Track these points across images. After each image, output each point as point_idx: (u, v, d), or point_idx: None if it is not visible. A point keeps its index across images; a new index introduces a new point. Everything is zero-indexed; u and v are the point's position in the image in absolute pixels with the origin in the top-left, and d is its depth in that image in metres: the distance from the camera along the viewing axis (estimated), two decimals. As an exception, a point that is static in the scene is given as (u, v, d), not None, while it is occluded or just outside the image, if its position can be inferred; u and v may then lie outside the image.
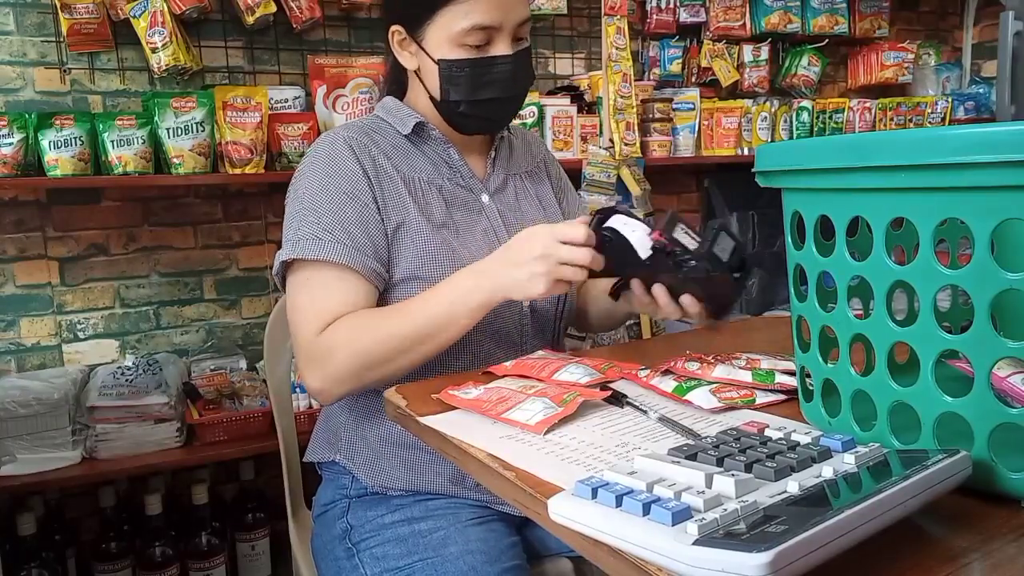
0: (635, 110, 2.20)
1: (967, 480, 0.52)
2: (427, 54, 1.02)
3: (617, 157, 2.16)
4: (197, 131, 1.72)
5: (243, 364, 1.98)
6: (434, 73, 1.02)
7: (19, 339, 1.88)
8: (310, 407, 1.82)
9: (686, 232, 0.89)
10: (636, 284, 0.92)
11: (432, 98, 1.06)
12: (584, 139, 2.20)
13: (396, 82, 1.14)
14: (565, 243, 0.86)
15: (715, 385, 0.79)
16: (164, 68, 1.77)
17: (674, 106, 2.33)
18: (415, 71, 1.06)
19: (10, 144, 1.60)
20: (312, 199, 1.00)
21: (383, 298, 1.03)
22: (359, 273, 0.97)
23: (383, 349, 0.93)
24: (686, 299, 0.89)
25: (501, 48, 1.01)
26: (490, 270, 0.91)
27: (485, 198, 1.10)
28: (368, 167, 1.02)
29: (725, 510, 0.45)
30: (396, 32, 1.05)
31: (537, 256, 0.86)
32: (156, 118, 1.70)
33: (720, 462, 0.53)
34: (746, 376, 0.80)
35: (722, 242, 0.88)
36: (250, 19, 1.85)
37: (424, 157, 1.08)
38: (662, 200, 2.58)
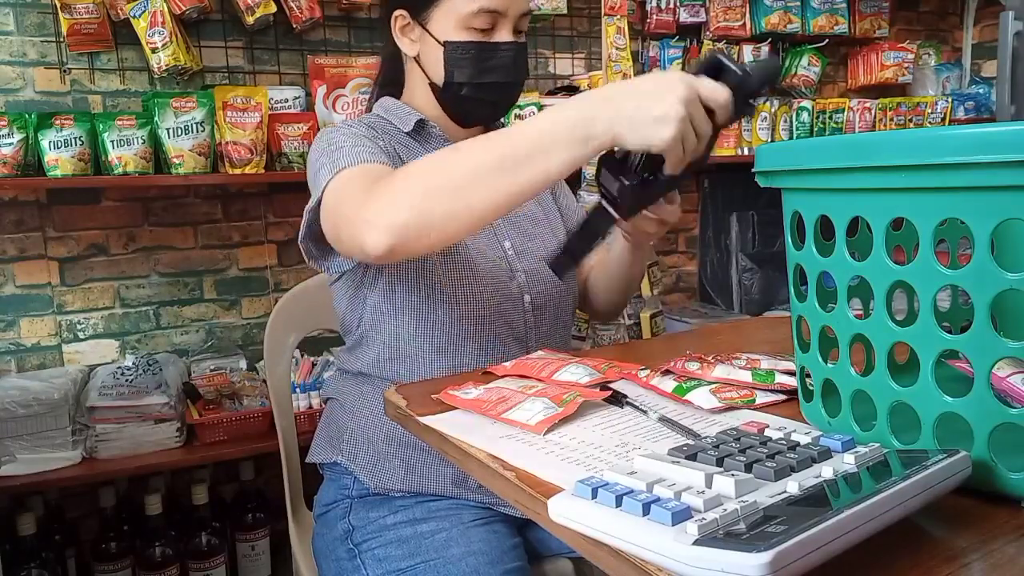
0: (635, 110, 2.20)
1: (967, 480, 0.52)
2: (432, 36, 1.03)
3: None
4: (197, 131, 1.72)
5: (243, 364, 1.98)
6: (438, 56, 1.03)
7: (19, 339, 1.88)
8: (310, 407, 1.82)
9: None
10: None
11: (433, 85, 1.06)
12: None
13: (392, 82, 1.15)
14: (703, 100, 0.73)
15: (715, 385, 0.79)
16: (164, 68, 1.77)
17: (674, 106, 2.33)
18: (415, 58, 1.07)
19: (10, 144, 1.60)
20: (339, 141, 0.98)
21: (381, 283, 1.03)
22: None
23: (459, 171, 0.78)
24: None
25: (504, 35, 1.03)
26: (614, 97, 0.74)
27: None
28: (387, 146, 1.03)
29: (725, 510, 0.45)
30: (400, 17, 1.05)
31: (681, 95, 0.71)
32: (156, 118, 1.70)
33: (720, 462, 0.53)
34: (746, 376, 0.80)
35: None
36: (250, 19, 1.85)
37: (426, 154, 1.08)
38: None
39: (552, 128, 0.75)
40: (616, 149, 0.81)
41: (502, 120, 1.20)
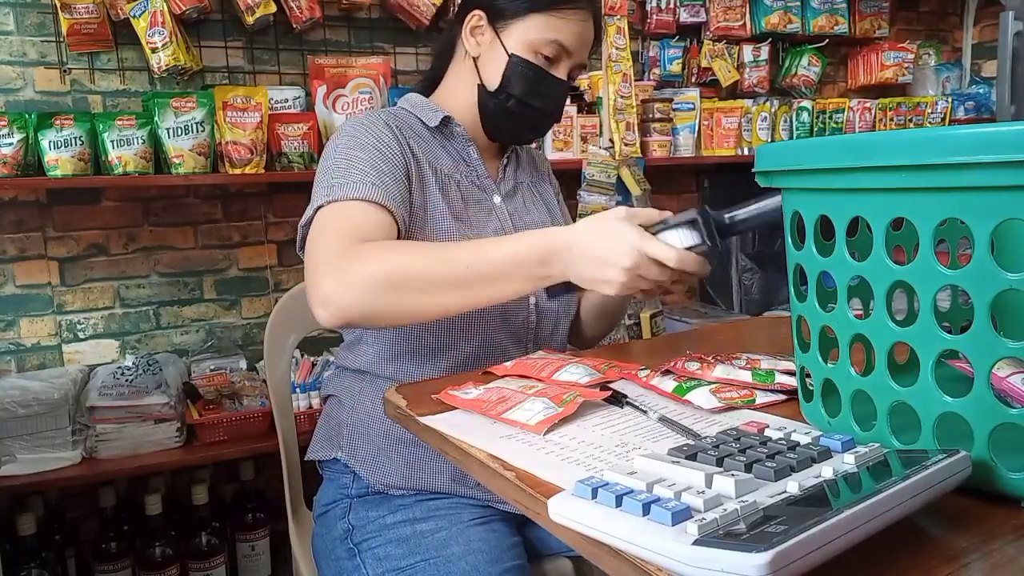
0: (635, 110, 2.20)
1: (967, 480, 0.52)
2: (503, 45, 1.06)
3: (617, 157, 2.16)
4: (197, 131, 1.72)
5: (243, 364, 1.98)
6: (501, 63, 1.07)
7: (19, 339, 1.88)
8: (310, 407, 1.82)
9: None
10: None
11: (481, 87, 1.09)
12: (584, 139, 2.20)
13: (431, 79, 1.18)
14: (654, 259, 0.81)
15: (715, 385, 0.79)
16: (164, 68, 1.77)
17: (674, 106, 2.33)
18: (475, 58, 1.10)
19: (10, 144, 1.60)
20: (346, 154, 1.00)
21: None
22: (392, 215, 0.96)
23: (421, 272, 0.85)
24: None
25: (561, 72, 1.08)
26: (571, 255, 0.84)
27: (497, 199, 1.13)
28: (403, 143, 1.05)
29: (725, 510, 0.45)
30: (476, 16, 1.09)
31: (626, 266, 0.81)
32: (156, 118, 1.70)
33: (720, 462, 0.53)
34: (746, 376, 0.80)
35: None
36: (250, 19, 1.85)
37: (445, 152, 1.12)
38: (662, 200, 2.58)
39: (515, 262, 0.85)
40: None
41: (517, 148, 1.23)
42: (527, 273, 0.86)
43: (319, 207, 0.97)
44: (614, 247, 0.81)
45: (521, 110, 1.08)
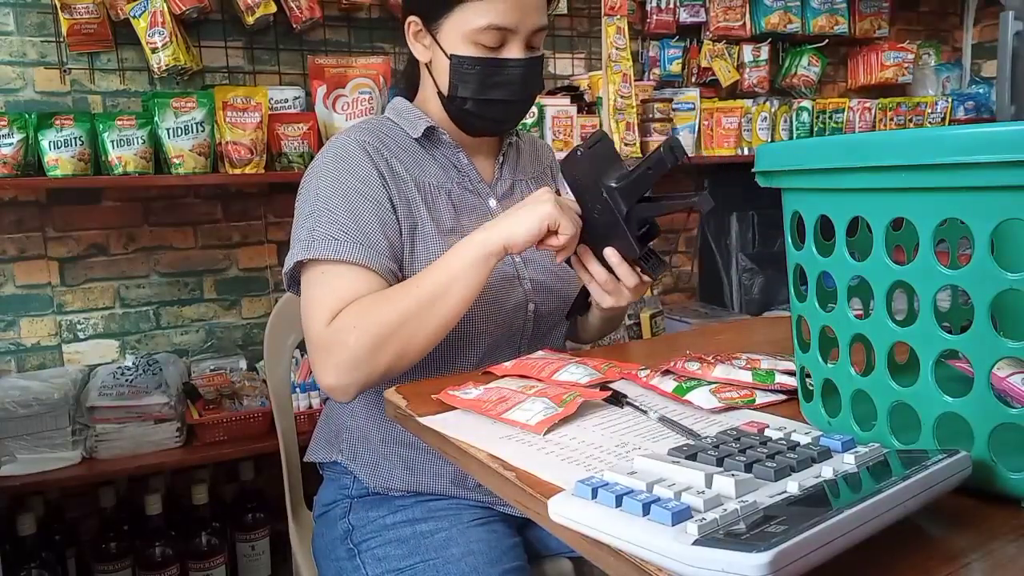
0: (635, 110, 2.20)
1: (967, 480, 0.52)
2: (440, 48, 1.02)
3: (617, 157, 2.16)
4: (197, 131, 1.72)
5: (243, 364, 1.98)
6: (445, 68, 1.02)
7: (19, 339, 1.88)
8: (310, 407, 1.82)
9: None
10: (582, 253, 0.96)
11: (440, 93, 1.05)
12: (584, 139, 2.20)
13: (409, 80, 1.14)
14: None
15: (715, 385, 0.79)
16: (164, 68, 1.77)
17: (674, 106, 2.33)
18: (427, 64, 1.06)
19: (10, 144, 1.60)
20: (327, 199, 0.98)
21: None
22: (375, 272, 0.96)
23: (391, 322, 0.89)
24: (608, 252, 0.93)
25: (514, 52, 1.01)
26: (489, 224, 0.92)
27: (493, 202, 1.10)
28: (383, 168, 1.02)
29: (725, 510, 0.45)
30: (412, 23, 1.05)
31: (546, 200, 0.89)
32: (156, 118, 1.70)
33: (720, 462, 0.53)
34: (746, 376, 0.80)
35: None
36: (250, 19, 1.85)
37: (434, 161, 1.08)
38: (662, 200, 2.58)
39: (461, 257, 0.90)
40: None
41: (518, 141, 1.19)
42: (466, 260, 0.90)
43: (301, 261, 0.97)
44: (535, 196, 0.91)
45: (481, 109, 1.03)
